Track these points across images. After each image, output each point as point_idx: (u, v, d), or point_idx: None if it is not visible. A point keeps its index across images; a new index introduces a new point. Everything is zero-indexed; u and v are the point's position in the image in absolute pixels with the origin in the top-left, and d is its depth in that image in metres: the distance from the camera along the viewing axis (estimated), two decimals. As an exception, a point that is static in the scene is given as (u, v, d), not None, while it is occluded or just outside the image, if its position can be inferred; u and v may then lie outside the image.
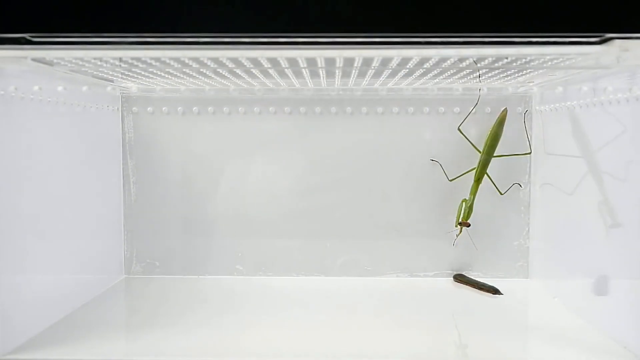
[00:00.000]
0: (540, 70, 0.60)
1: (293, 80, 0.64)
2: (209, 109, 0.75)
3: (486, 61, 0.52)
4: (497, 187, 0.73)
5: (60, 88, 0.59)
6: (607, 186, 0.57)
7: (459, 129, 0.65)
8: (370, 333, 0.58)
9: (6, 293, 0.51)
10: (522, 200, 0.75)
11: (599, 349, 0.53)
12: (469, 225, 0.70)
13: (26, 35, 0.42)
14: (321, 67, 0.54)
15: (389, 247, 0.77)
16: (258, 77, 0.60)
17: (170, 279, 0.76)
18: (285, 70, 0.55)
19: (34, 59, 0.47)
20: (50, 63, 0.49)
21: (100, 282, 0.71)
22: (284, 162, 0.76)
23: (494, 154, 0.71)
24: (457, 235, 0.72)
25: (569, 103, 0.64)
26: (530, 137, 0.73)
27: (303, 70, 0.56)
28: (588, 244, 0.60)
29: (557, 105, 0.67)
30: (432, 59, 0.51)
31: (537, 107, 0.73)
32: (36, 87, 0.56)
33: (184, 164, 0.76)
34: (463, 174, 0.73)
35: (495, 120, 0.71)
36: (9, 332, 0.52)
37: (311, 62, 0.51)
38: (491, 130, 0.70)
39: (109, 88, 0.70)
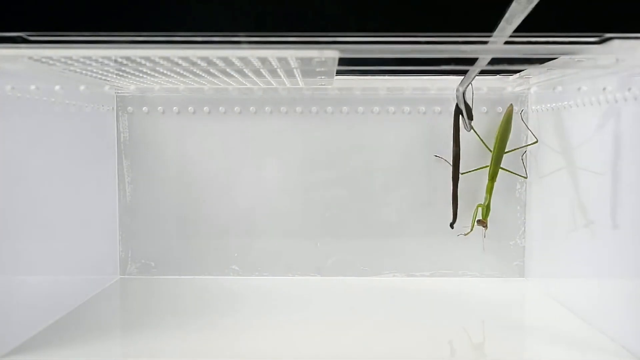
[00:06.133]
0: (538, 70, 0.61)
1: (284, 80, 0.63)
2: (205, 108, 0.75)
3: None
4: (518, 174, 0.74)
5: (57, 87, 0.59)
6: (605, 186, 0.57)
7: (472, 128, 0.65)
8: (367, 333, 0.58)
9: (1, 295, 0.51)
10: (518, 200, 0.76)
11: (598, 348, 0.53)
12: (486, 226, 0.70)
13: (23, 34, 0.42)
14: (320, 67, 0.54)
15: (385, 246, 0.77)
16: (250, 77, 0.60)
17: (165, 280, 0.76)
18: (277, 69, 0.55)
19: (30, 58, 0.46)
20: (48, 62, 0.49)
21: (95, 282, 0.71)
22: (279, 161, 0.76)
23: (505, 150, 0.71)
24: (465, 234, 0.72)
25: (565, 103, 0.65)
26: (531, 130, 0.73)
27: (294, 70, 0.56)
28: (585, 243, 0.60)
29: (554, 105, 0.67)
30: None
31: (534, 107, 0.73)
32: (33, 87, 0.55)
33: (179, 164, 0.76)
34: (475, 170, 0.72)
35: (502, 118, 0.71)
36: (5, 334, 0.51)
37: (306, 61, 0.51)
38: (499, 128, 0.70)
39: (106, 87, 0.70)
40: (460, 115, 0.66)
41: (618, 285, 0.54)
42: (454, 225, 0.71)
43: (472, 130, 0.67)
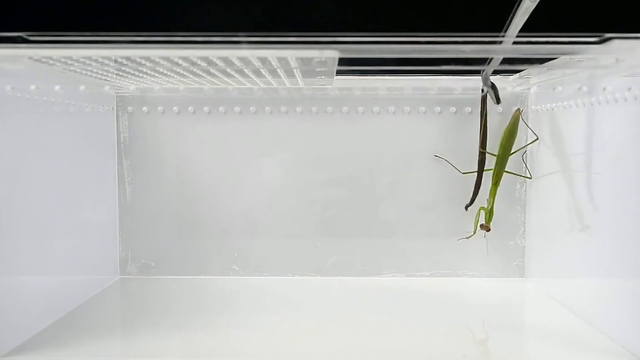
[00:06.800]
0: (538, 70, 0.61)
1: (284, 80, 0.63)
2: (205, 108, 0.75)
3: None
4: (522, 175, 0.74)
5: (57, 87, 0.59)
6: (605, 186, 0.57)
7: (499, 101, 0.65)
8: (367, 333, 0.58)
9: (1, 295, 0.51)
10: (518, 199, 0.76)
11: (598, 348, 0.53)
12: (489, 230, 0.70)
13: (23, 34, 0.42)
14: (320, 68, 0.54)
15: (385, 246, 0.77)
16: (250, 77, 0.60)
17: (165, 280, 0.76)
18: (278, 69, 0.55)
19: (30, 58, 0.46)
20: (48, 62, 0.49)
21: (95, 283, 0.71)
22: (279, 161, 0.76)
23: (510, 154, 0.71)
24: (467, 237, 0.72)
25: (565, 103, 0.65)
26: (531, 128, 0.73)
27: (294, 70, 0.56)
28: (584, 243, 0.60)
29: (554, 105, 0.67)
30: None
31: (534, 107, 0.73)
32: (33, 87, 0.55)
33: (179, 164, 0.76)
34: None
35: (508, 121, 0.70)
36: (5, 334, 0.51)
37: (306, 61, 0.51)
38: (505, 132, 0.70)
39: (106, 87, 0.70)
40: (488, 95, 0.65)
41: (618, 285, 0.54)
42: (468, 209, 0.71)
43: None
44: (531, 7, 0.48)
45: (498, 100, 0.64)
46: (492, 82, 0.64)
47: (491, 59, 0.59)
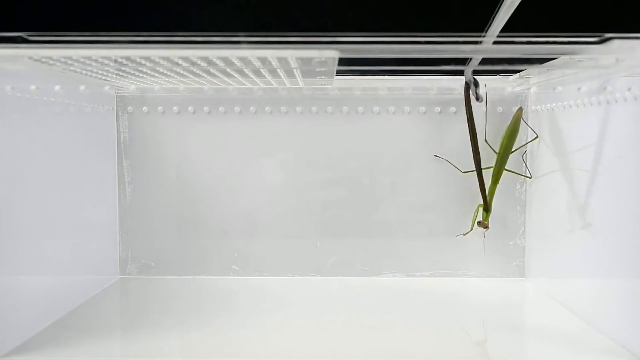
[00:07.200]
0: (538, 70, 0.61)
1: (284, 80, 0.63)
2: (205, 108, 0.75)
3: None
4: (522, 174, 0.74)
5: (57, 87, 0.59)
6: (605, 185, 0.57)
7: (480, 98, 0.65)
8: (367, 333, 0.58)
9: (1, 295, 0.51)
10: (518, 199, 0.76)
11: (598, 348, 0.53)
12: (487, 227, 0.70)
13: (23, 34, 0.42)
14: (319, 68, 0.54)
15: (385, 246, 0.76)
16: (250, 77, 0.60)
17: (165, 280, 0.76)
18: (277, 69, 0.55)
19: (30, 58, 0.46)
20: (48, 62, 0.49)
21: (95, 283, 0.71)
22: (279, 161, 0.76)
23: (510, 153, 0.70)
24: (465, 234, 0.72)
25: (565, 103, 0.65)
26: (531, 127, 0.73)
27: (294, 70, 0.56)
28: (584, 243, 0.60)
29: (554, 105, 0.67)
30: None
31: (534, 107, 0.73)
32: (33, 87, 0.55)
33: (179, 164, 0.76)
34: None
35: (510, 121, 0.70)
36: (5, 334, 0.51)
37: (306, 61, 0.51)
38: (506, 131, 0.70)
39: (106, 87, 0.70)
40: (470, 91, 0.65)
41: (618, 285, 0.54)
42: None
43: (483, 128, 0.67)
44: (515, 2, 0.47)
45: (478, 97, 0.64)
46: (474, 78, 0.63)
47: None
